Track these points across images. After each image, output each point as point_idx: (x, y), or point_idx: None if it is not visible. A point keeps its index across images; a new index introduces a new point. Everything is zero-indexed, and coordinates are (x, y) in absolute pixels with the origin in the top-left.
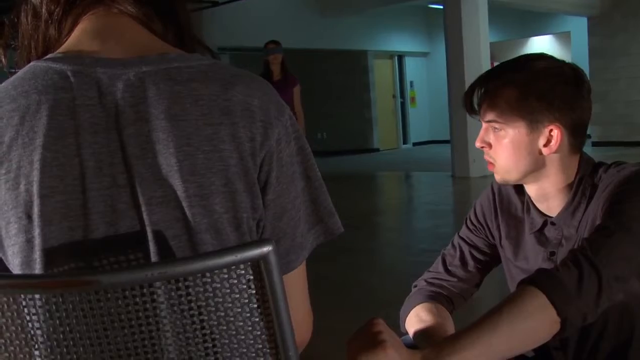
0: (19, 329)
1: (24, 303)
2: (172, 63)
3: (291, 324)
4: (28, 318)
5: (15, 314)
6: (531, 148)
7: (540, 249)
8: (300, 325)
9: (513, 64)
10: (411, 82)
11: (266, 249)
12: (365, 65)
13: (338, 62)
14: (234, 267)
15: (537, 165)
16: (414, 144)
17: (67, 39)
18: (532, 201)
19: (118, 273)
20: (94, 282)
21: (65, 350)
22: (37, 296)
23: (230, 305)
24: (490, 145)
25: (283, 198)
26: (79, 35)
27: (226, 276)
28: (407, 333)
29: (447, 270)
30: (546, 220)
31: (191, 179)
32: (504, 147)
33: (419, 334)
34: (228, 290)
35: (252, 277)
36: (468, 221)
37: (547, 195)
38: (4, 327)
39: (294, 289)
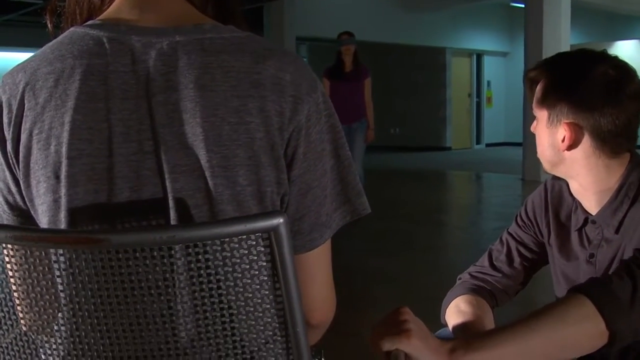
0: (49, 283)
1: (49, 259)
2: (206, 34)
3: (300, 299)
4: (54, 274)
5: (32, 267)
6: (552, 141)
7: (583, 251)
8: (321, 305)
9: (562, 57)
10: (488, 82)
11: (276, 220)
12: (443, 63)
13: (416, 58)
14: (244, 237)
15: (559, 159)
16: (487, 145)
17: (108, 7)
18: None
19: (127, 234)
20: (103, 241)
21: (77, 306)
22: (53, 251)
23: (239, 275)
24: None
25: (309, 175)
26: (119, 4)
27: (237, 245)
28: (446, 325)
29: (492, 265)
30: (587, 217)
31: (215, 150)
32: (536, 135)
33: (458, 328)
34: (238, 260)
35: (262, 249)
36: (518, 217)
37: (583, 194)
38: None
39: (317, 267)
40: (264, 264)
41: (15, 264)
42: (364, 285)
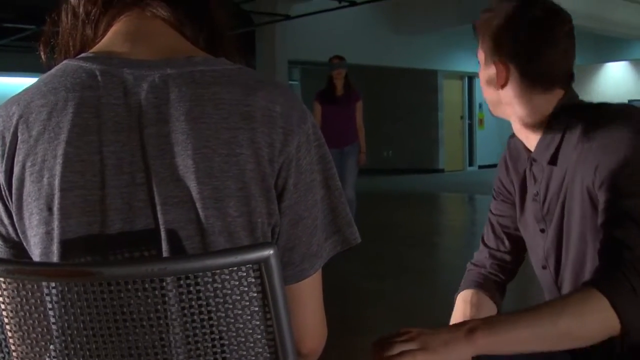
0: (40, 316)
1: (41, 292)
2: (197, 66)
3: (291, 329)
4: (46, 306)
5: (25, 300)
6: (489, 80)
7: (532, 192)
8: (312, 334)
9: (499, 3)
10: (480, 104)
11: (267, 252)
12: (435, 85)
13: (407, 81)
14: (235, 268)
15: (497, 99)
16: (480, 167)
17: (101, 40)
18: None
19: (119, 266)
20: (95, 274)
21: (69, 339)
22: (45, 283)
23: (231, 306)
24: None
25: (299, 205)
26: (112, 37)
27: (227, 277)
28: None
29: (485, 245)
30: (529, 156)
31: (206, 181)
32: (480, 79)
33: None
34: (229, 292)
35: (253, 280)
36: (493, 192)
37: (523, 133)
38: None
39: (307, 296)
40: (255, 295)
41: (8, 297)
42: (357, 308)
